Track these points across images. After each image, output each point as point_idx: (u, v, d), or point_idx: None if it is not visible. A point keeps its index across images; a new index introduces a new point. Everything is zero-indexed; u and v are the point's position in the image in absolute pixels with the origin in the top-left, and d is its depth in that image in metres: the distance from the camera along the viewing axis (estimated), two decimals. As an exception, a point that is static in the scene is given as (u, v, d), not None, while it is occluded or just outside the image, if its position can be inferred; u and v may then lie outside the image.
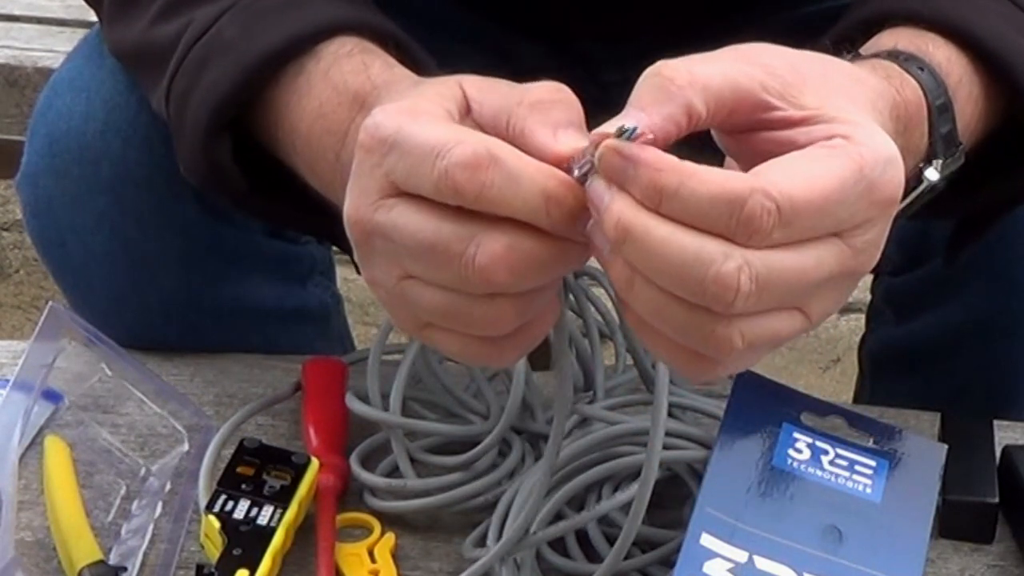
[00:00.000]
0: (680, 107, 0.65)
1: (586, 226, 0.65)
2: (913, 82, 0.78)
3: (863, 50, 0.81)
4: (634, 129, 0.64)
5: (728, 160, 0.71)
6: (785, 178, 0.63)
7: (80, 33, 1.06)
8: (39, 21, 1.78)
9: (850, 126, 0.67)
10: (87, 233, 1.01)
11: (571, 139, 0.67)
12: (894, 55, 0.80)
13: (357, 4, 0.85)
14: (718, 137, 0.69)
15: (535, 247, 0.65)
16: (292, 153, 0.83)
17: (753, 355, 0.67)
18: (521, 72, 1.14)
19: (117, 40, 0.94)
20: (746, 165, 0.67)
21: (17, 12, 1.79)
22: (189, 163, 0.87)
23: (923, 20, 0.82)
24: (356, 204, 0.69)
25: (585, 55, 1.13)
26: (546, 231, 0.65)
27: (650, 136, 0.64)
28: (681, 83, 0.65)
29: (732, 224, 0.62)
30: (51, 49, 1.71)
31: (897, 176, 0.67)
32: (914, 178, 0.80)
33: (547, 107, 0.69)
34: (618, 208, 0.63)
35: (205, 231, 1.02)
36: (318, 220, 0.83)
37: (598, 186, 0.65)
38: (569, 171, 0.66)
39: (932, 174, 0.79)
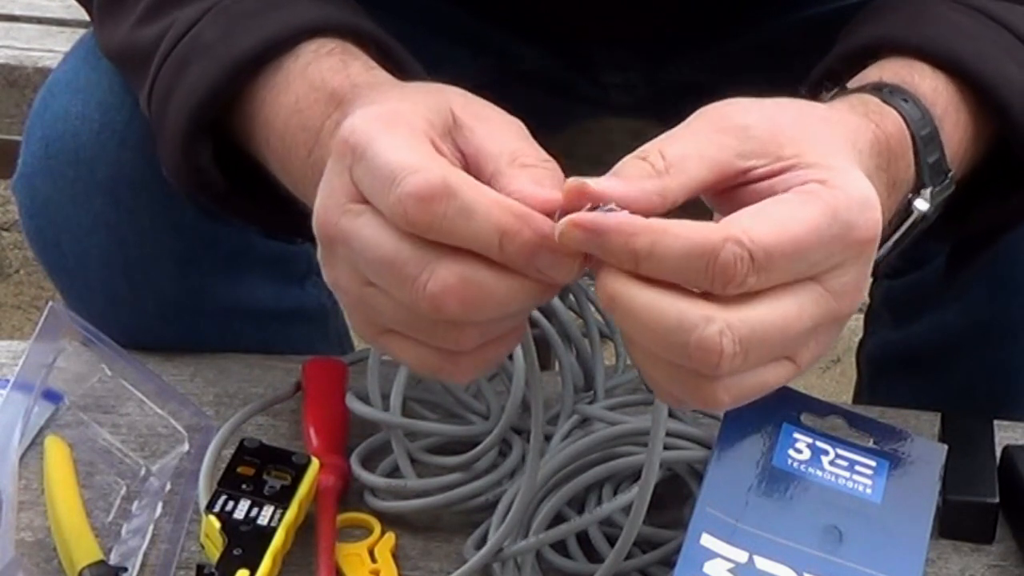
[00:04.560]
0: (658, 191, 0.66)
1: (547, 263, 0.65)
2: (894, 114, 0.78)
3: (850, 84, 0.82)
4: (610, 208, 0.65)
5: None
6: (756, 224, 0.64)
7: (80, 33, 1.06)
8: (39, 21, 1.78)
9: (825, 170, 0.68)
10: (83, 234, 1.01)
11: (555, 195, 0.67)
12: (878, 88, 0.80)
13: (339, 6, 0.85)
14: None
15: (490, 281, 0.65)
16: (265, 148, 0.83)
17: (742, 403, 0.67)
18: (521, 74, 1.15)
19: (106, 41, 0.94)
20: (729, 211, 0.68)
21: (17, 12, 1.79)
22: (169, 164, 0.87)
23: (910, 50, 0.83)
24: (325, 205, 0.69)
25: (585, 57, 1.13)
26: (505, 265, 0.65)
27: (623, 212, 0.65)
28: (660, 169, 0.66)
29: (708, 275, 0.63)
30: (51, 49, 1.71)
31: (874, 217, 0.67)
32: (904, 209, 0.80)
33: (534, 172, 0.68)
34: (604, 275, 0.64)
35: (201, 232, 1.02)
36: (296, 222, 0.83)
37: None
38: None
39: (921, 204, 0.80)
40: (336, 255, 0.69)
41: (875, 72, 0.82)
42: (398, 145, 0.67)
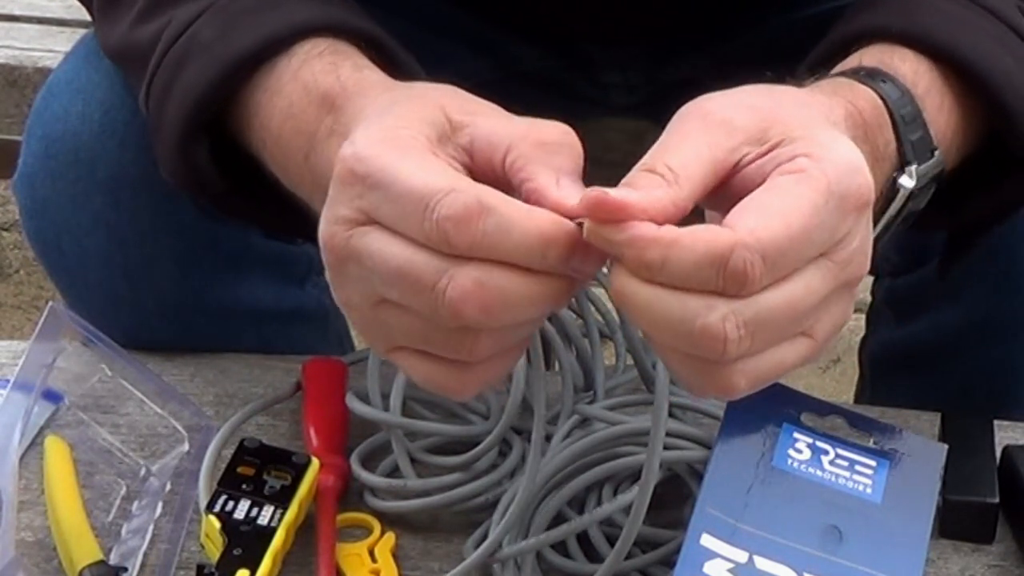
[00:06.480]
0: (671, 200, 0.66)
1: (578, 262, 0.66)
2: (867, 91, 0.79)
3: (833, 72, 0.82)
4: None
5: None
6: (761, 223, 0.64)
7: (80, 33, 1.06)
8: (39, 21, 1.78)
9: (810, 142, 0.68)
10: (83, 234, 1.01)
11: (572, 189, 0.67)
12: (855, 72, 0.80)
13: (337, 5, 0.84)
14: None
15: (508, 284, 0.65)
16: (263, 151, 0.83)
17: (761, 385, 0.68)
18: (521, 74, 1.14)
19: (105, 39, 0.94)
20: (720, 201, 0.68)
21: (17, 12, 1.79)
22: (167, 164, 0.87)
23: (893, 36, 0.83)
24: (331, 231, 0.69)
25: (585, 57, 1.13)
26: (523, 269, 0.66)
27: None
28: (670, 180, 0.66)
29: (721, 282, 0.64)
30: (51, 49, 1.71)
31: (865, 179, 0.68)
32: (890, 188, 0.80)
33: (552, 150, 0.69)
34: (614, 272, 0.65)
35: (201, 232, 1.02)
36: (296, 221, 0.83)
37: None
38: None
39: (907, 181, 0.80)
40: (347, 275, 0.69)
41: (855, 59, 0.82)
42: (416, 169, 0.67)
